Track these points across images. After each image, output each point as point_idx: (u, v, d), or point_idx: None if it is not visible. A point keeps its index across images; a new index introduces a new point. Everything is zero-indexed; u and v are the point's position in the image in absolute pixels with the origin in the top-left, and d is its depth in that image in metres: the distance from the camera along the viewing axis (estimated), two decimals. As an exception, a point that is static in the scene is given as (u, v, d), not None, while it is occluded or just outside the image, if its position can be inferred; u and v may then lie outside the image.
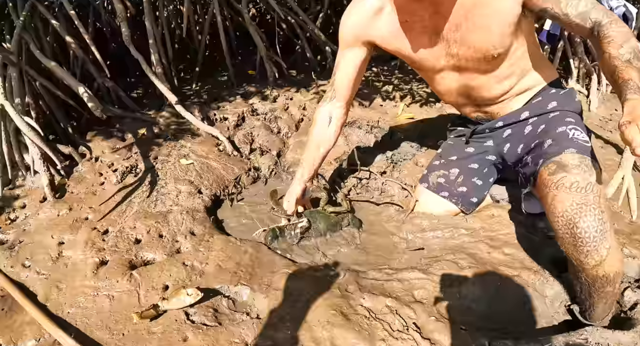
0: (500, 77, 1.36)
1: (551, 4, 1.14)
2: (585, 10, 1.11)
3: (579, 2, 1.12)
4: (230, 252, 1.35)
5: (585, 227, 1.04)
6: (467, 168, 1.57)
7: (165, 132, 2.01)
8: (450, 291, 1.23)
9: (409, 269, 1.30)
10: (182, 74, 2.84)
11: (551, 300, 1.27)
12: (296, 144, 2.04)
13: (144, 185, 1.64)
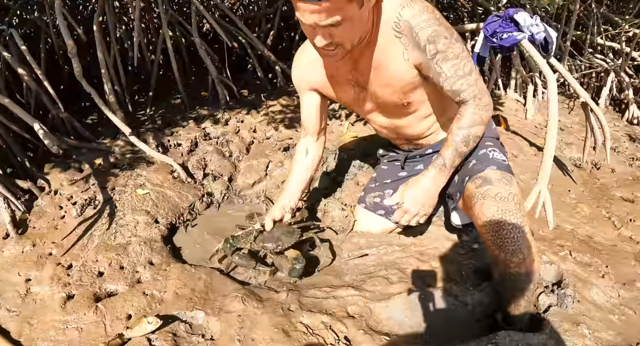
0: (420, 117, 1.58)
1: (432, 75, 1.33)
2: (457, 89, 1.32)
3: (456, 81, 1.31)
4: (186, 279, 1.52)
5: (510, 229, 1.25)
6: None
7: (121, 161, 2.14)
8: (379, 305, 1.45)
9: (345, 287, 1.51)
10: (136, 97, 2.94)
11: (473, 308, 1.51)
12: (246, 168, 2.22)
13: (103, 218, 1.78)
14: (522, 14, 1.77)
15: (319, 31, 1.20)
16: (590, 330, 1.46)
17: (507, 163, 1.46)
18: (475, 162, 1.48)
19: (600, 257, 1.87)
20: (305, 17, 1.16)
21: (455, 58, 1.29)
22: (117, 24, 3.03)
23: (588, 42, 3.59)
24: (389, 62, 1.36)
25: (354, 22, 1.19)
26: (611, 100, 3.61)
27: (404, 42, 1.30)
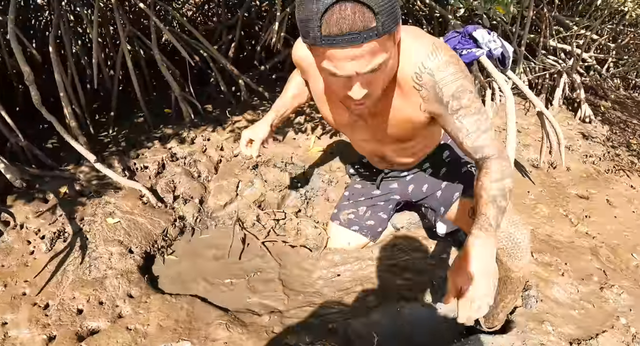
0: (412, 150, 1.57)
1: (451, 128, 1.19)
2: (480, 145, 1.16)
3: (478, 137, 1.16)
4: (168, 310, 1.52)
5: (522, 238, 1.29)
6: (373, 206, 1.85)
7: (87, 188, 2.09)
8: (358, 320, 1.51)
9: (324, 304, 1.56)
10: (97, 117, 2.87)
11: (445, 315, 1.60)
12: (216, 189, 2.22)
13: (75, 251, 1.74)
14: (480, 31, 1.85)
15: (356, 81, 1.01)
16: (554, 326, 1.59)
17: None
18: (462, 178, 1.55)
19: (560, 255, 2.00)
20: (343, 68, 0.96)
21: (477, 113, 1.17)
22: (73, 39, 2.93)
23: (541, 45, 3.77)
24: (403, 107, 1.25)
25: (391, 61, 1.04)
26: (564, 100, 3.81)
27: (423, 94, 1.18)
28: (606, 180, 2.83)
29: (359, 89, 1.03)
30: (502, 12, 2.51)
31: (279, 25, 3.18)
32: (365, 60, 0.95)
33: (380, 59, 0.97)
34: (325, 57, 0.96)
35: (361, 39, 0.89)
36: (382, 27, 0.90)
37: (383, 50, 0.96)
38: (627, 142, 3.46)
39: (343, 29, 0.87)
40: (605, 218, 2.43)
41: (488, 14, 2.63)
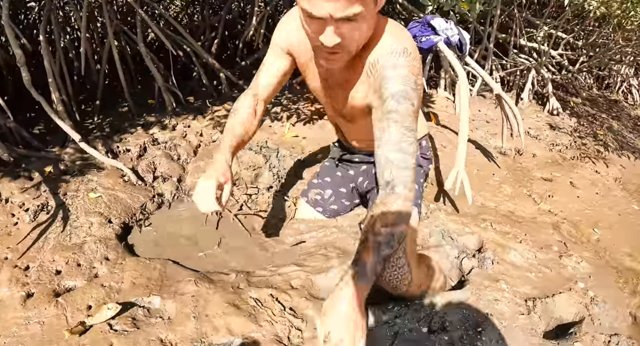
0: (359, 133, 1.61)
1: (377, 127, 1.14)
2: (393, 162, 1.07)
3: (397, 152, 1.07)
4: (142, 270, 1.63)
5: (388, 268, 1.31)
6: (337, 191, 1.91)
7: (71, 168, 2.20)
8: (319, 277, 1.61)
9: (288, 264, 1.67)
10: (83, 107, 2.98)
11: None
12: (194, 169, 2.34)
13: (57, 221, 1.84)
14: (437, 20, 1.99)
15: (329, 25, 1.02)
16: (509, 285, 1.67)
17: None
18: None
19: (520, 227, 2.11)
20: (318, 7, 0.97)
21: (407, 130, 1.09)
22: (62, 33, 3.05)
23: (512, 44, 3.95)
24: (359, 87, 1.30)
25: (367, 22, 1.05)
26: (534, 95, 3.99)
27: (371, 81, 1.21)
28: (571, 165, 2.97)
29: (332, 35, 1.03)
30: (466, 7, 2.67)
31: (258, 22, 3.33)
32: (341, 5, 0.96)
33: (356, 9, 0.97)
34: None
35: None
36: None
37: (361, 3, 0.97)
38: (594, 133, 3.63)
39: None
40: (568, 198, 2.55)
41: (454, 10, 2.79)
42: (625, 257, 2.12)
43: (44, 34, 2.42)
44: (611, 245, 2.20)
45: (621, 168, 3.12)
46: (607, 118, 4.16)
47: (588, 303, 1.65)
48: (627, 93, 5.22)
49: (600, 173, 2.96)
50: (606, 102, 4.73)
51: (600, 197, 2.66)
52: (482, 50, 3.81)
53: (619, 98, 5.08)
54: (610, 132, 3.77)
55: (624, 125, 4.17)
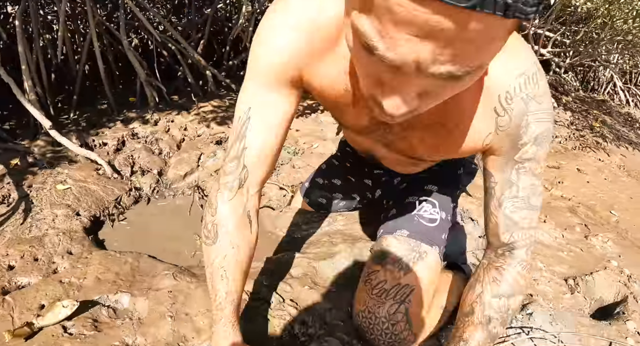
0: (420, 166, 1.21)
1: (498, 179, 0.83)
2: (516, 223, 0.84)
3: (520, 211, 0.83)
4: (109, 264, 1.39)
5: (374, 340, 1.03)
6: (349, 196, 1.57)
7: (40, 160, 1.98)
8: (324, 263, 1.38)
9: (286, 253, 1.44)
10: (60, 105, 2.78)
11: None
12: (177, 161, 2.12)
13: (17, 213, 1.62)
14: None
15: (408, 85, 0.52)
16: (545, 264, 1.56)
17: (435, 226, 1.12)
18: (394, 212, 1.20)
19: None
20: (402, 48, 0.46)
21: (538, 178, 0.82)
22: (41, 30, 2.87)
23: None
24: (458, 128, 0.79)
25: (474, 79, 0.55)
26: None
27: (502, 123, 0.75)
28: (574, 155, 2.90)
29: (402, 103, 0.56)
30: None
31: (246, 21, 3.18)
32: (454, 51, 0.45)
33: (476, 61, 0.48)
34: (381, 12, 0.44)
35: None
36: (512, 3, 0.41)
37: (487, 48, 0.47)
38: (590, 126, 3.61)
39: None
40: (578, 183, 2.45)
41: None
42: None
43: (20, 18, 2.24)
44: (631, 225, 2.10)
45: (622, 157, 3.09)
46: (600, 114, 4.16)
47: (627, 282, 1.53)
48: (613, 93, 5.24)
49: (604, 161, 2.90)
50: (594, 101, 4.74)
51: (609, 182, 2.58)
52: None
53: (606, 98, 5.12)
54: (605, 125, 3.76)
55: (616, 120, 4.18)
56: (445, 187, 1.22)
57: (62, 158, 2.01)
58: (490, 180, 0.84)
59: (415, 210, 1.15)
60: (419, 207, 1.15)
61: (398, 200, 1.23)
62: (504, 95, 0.72)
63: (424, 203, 1.16)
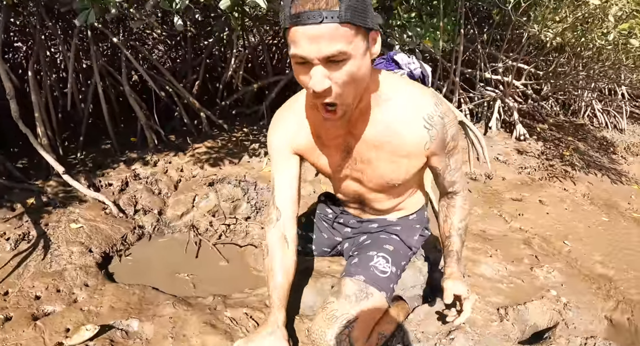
0: (394, 196, 1.49)
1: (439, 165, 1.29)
2: (455, 180, 1.35)
3: (456, 173, 1.34)
4: (121, 295, 1.66)
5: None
6: (321, 249, 1.80)
7: (53, 200, 2.25)
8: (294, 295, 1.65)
9: (263, 286, 1.72)
10: (67, 143, 3.06)
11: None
12: (175, 202, 2.41)
13: (38, 250, 1.88)
14: (400, 55, 2.15)
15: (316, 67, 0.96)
16: (480, 295, 1.75)
17: (385, 276, 1.41)
18: (356, 260, 1.47)
19: (491, 243, 2.21)
20: (303, 48, 0.94)
21: (459, 153, 1.33)
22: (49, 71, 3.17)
23: (478, 78, 4.20)
24: (404, 143, 1.21)
25: (357, 64, 0.98)
26: (502, 123, 4.21)
27: (432, 134, 1.18)
28: (540, 186, 3.14)
29: (320, 78, 0.96)
30: (430, 44, 2.88)
31: (237, 65, 3.51)
32: (324, 44, 0.92)
33: (339, 46, 0.92)
34: (291, 39, 0.96)
35: (321, 18, 0.90)
36: (344, 13, 0.90)
37: (344, 40, 0.92)
38: (560, 154, 3.86)
39: (306, 6, 0.90)
40: (537, 215, 2.68)
41: (419, 47, 3.00)
42: (597, 265, 2.23)
43: (32, 69, 2.53)
44: (582, 254, 2.31)
45: (589, 184, 3.30)
46: (573, 141, 4.41)
47: (561, 309, 1.73)
48: (592, 117, 5.52)
49: (569, 190, 3.13)
50: (572, 126, 5.01)
51: (569, 212, 2.81)
52: (450, 85, 4.03)
53: (585, 122, 5.39)
54: (576, 152, 3.98)
55: (590, 146, 4.42)
56: (400, 248, 1.54)
57: (73, 198, 2.29)
58: (436, 169, 1.32)
59: (372, 262, 1.44)
60: (376, 260, 1.44)
61: (361, 252, 1.51)
62: (426, 117, 1.18)
63: (380, 258, 1.45)
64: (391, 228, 1.58)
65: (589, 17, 3.11)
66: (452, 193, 1.40)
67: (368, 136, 1.23)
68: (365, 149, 1.27)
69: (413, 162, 1.26)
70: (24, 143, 2.38)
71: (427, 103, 1.18)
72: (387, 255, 1.47)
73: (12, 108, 2.15)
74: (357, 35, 0.95)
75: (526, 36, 3.53)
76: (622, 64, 3.59)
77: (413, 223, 1.60)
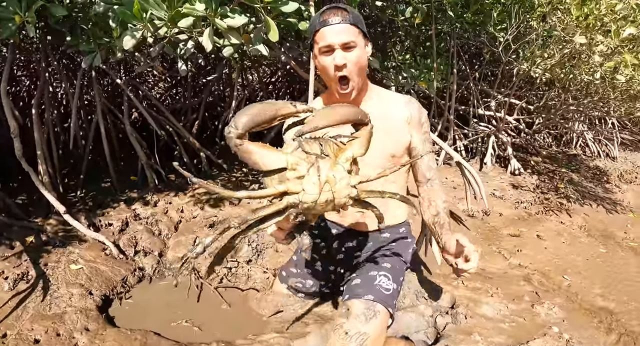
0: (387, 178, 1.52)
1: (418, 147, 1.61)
2: (431, 166, 1.64)
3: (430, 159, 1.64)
4: (122, 340, 1.63)
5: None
6: (318, 283, 1.86)
7: (53, 238, 2.24)
8: (298, 342, 1.64)
9: (267, 332, 1.69)
10: (67, 180, 3.07)
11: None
12: (175, 243, 2.40)
13: (37, 291, 1.86)
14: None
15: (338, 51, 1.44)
16: (482, 336, 1.75)
17: (389, 293, 1.55)
18: (359, 281, 1.60)
19: (491, 282, 2.21)
20: (330, 38, 1.43)
21: (430, 142, 1.64)
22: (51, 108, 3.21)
23: (472, 114, 4.31)
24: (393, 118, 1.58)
25: (361, 52, 1.47)
26: (496, 158, 4.28)
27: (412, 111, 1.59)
28: (537, 220, 3.16)
29: (341, 56, 1.44)
30: (425, 85, 2.97)
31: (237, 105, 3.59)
32: (343, 36, 1.43)
33: (351, 37, 1.44)
34: (321, 38, 1.45)
35: (339, 21, 1.43)
36: (352, 20, 1.45)
37: (353, 34, 1.45)
38: (555, 187, 3.90)
39: (330, 16, 1.45)
40: (536, 250, 2.70)
41: (414, 88, 3.10)
42: (597, 298, 2.23)
43: (37, 108, 2.57)
44: (582, 288, 2.31)
45: (585, 216, 3.33)
46: (567, 172, 4.47)
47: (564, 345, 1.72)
48: (584, 146, 5.62)
49: (565, 223, 3.16)
50: (566, 157, 5.07)
51: (567, 245, 2.83)
52: (445, 122, 4.12)
53: (578, 152, 5.47)
54: (570, 184, 4.03)
55: (584, 176, 4.47)
56: (396, 264, 1.67)
57: (73, 237, 2.28)
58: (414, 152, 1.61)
59: (376, 281, 1.57)
60: (379, 279, 1.58)
61: (361, 273, 1.64)
62: (406, 100, 1.62)
63: (382, 277, 1.59)
64: (385, 247, 1.71)
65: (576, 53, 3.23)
66: (430, 180, 1.63)
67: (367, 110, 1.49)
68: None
69: (401, 134, 1.58)
70: (24, 179, 2.39)
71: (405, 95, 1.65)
72: (388, 273, 1.60)
73: (16, 147, 2.17)
74: (359, 34, 1.47)
75: (516, 72, 3.65)
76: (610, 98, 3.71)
77: (404, 237, 1.76)
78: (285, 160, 1.05)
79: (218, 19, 1.75)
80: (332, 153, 1.07)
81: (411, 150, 1.62)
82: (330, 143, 1.08)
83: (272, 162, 1.05)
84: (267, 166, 1.05)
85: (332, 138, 1.11)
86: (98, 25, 2.09)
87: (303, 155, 1.05)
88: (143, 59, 2.33)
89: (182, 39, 1.88)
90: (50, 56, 2.85)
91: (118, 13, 1.71)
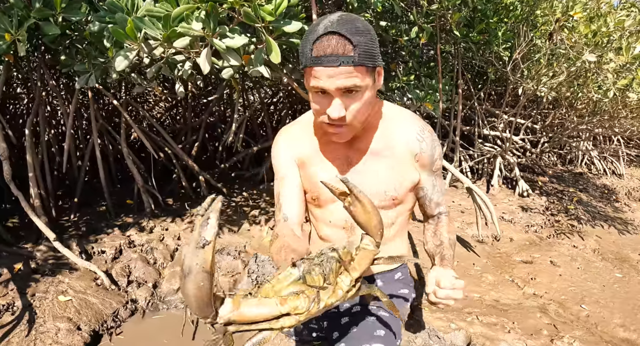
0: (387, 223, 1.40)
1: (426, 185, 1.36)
2: (440, 202, 1.42)
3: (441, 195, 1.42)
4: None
5: None
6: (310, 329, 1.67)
7: (42, 266, 2.13)
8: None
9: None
10: (61, 202, 2.96)
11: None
12: (171, 274, 2.28)
13: (22, 324, 1.74)
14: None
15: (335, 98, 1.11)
16: (503, 378, 1.61)
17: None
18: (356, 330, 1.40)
19: (507, 315, 2.08)
20: (324, 82, 1.09)
21: (442, 178, 1.43)
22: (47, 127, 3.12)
23: (477, 134, 4.22)
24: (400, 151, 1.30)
25: (366, 96, 1.14)
26: (503, 179, 4.17)
27: (423, 147, 1.30)
28: (549, 244, 3.03)
29: (338, 107, 1.12)
30: (430, 107, 2.89)
31: (238, 127, 3.50)
32: (341, 80, 1.08)
33: (354, 81, 1.08)
34: (312, 75, 1.11)
35: (338, 62, 1.07)
36: (357, 58, 1.07)
37: (358, 77, 1.09)
38: (565, 208, 3.76)
39: (327, 52, 1.07)
40: (550, 278, 2.57)
41: (419, 110, 3.01)
42: (618, 328, 2.11)
43: (30, 128, 2.48)
44: (601, 318, 2.19)
45: (597, 238, 3.21)
46: (575, 192, 4.35)
47: None
48: (590, 164, 5.50)
49: (578, 247, 3.03)
50: (572, 176, 4.97)
51: (581, 271, 2.71)
52: (450, 143, 4.03)
53: (584, 170, 5.35)
54: (580, 204, 3.91)
55: (592, 196, 4.36)
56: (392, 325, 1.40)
57: (64, 265, 2.16)
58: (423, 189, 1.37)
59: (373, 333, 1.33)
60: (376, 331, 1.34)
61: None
62: (419, 130, 1.31)
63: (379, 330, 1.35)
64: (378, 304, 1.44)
65: (583, 71, 3.16)
66: (437, 215, 1.45)
67: (368, 147, 1.32)
68: (364, 159, 1.33)
69: (407, 172, 1.33)
70: (16, 201, 2.28)
71: (419, 121, 1.36)
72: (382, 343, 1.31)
73: (5, 170, 2.07)
74: (367, 72, 1.12)
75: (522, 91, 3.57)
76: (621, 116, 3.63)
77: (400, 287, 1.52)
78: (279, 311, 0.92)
79: (216, 40, 1.67)
80: (333, 277, 0.95)
81: (418, 189, 1.38)
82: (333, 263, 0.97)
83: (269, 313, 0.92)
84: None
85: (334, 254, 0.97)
86: (93, 45, 2.01)
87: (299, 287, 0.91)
88: (140, 80, 2.24)
89: (179, 60, 1.80)
90: (48, 75, 2.77)
91: (112, 32, 1.63)
